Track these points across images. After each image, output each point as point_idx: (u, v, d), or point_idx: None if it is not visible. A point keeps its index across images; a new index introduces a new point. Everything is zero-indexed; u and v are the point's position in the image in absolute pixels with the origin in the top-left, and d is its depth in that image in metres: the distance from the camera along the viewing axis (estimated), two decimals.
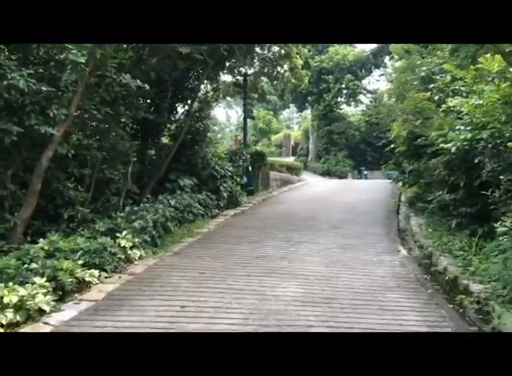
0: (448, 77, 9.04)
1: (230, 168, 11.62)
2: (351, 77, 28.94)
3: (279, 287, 5.46)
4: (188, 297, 5.08)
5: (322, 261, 6.79)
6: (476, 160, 5.74)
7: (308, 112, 36.71)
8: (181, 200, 9.43)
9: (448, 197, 7.15)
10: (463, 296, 4.91)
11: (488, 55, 7.39)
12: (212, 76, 11.22)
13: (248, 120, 26.22)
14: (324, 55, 29.92)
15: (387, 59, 28.74)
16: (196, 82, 10.52)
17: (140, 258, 6.79)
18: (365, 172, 29.08)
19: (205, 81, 11.78)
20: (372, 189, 17.15)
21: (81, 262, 5.64)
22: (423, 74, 9.92)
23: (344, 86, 29.68)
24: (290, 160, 31.09)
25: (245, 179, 14.15)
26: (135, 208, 7.89)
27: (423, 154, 10.05)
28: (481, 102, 6.31)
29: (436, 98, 8.96)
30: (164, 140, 11.57)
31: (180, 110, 11.10)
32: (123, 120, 7.71)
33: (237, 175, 13.38)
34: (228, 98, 48.80)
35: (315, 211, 11.59)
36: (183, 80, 10.28)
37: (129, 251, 6.64)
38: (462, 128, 6.89)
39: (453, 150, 6.38)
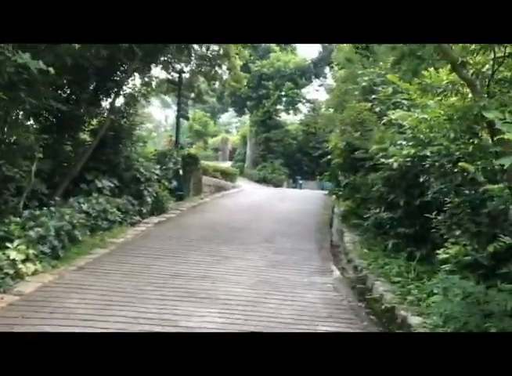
0: (390, 89, 8.73)
1: (157, 171, 10.62)
2: (291, 85, 28.80)
3: (195, 316, 4.64)
4: (82, 327, 4.12)
5: (249, 281, 6.06)
6: (421, 179, 5.30)
7: (246, 117, 36.25)
8: (95, 204, 8.33)
9: (385, 215, 6.72)
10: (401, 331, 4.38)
11: (431, 69, 7.15)
12: (142, 69, 10.18)
13: (183, 121, 25.25)
14: (265, 60, 29.55)
15: (327, 69, 29.00)
16: (123, 74, 9.43)
17: (35, 273, 5.67)
18: (301, 182, 29.02)
19: (134, 74, 10.73)
20: (306, 200, 16.81)
21: None
22: (364, 84, 9.58)
23: (283, 93, 29.51)
24: (227, 165, 30.42)
25: (175, 183, 13.16)
26: (36, 213, 6.72)
27: (359, 168, 9.70)
28: (425, 116, 5.90)
29: (377, 110, 8.62)
30: (85, 136, 10.37)
31: (104, 103, 9.95)
32: (28, 108, 6.50)
33: (166, 178, 12.39)
34: (166, 97, 48.07)
35: (247, 222, 10.89)
36: (107, 70, 9.17)
37: (20, 265, 5.52)
38: (404, 143, 6.49)
39: (395, 165, 5.93)
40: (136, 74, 11.36)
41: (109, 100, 9.74)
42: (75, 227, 6.96)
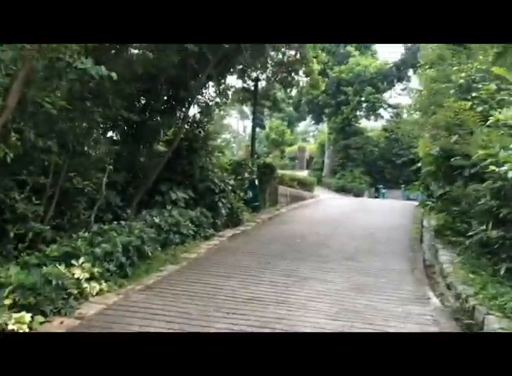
0: (493, 86, 7.50)
1: (231, 182, 10.16)
2: (371, 90, 27.43)
3: None
4: None
5: (331, 309, 5.25)
6: None
7: (324, 125, 35.27)
8: (168, 217, 7.99)
9: (496, 233, 5.58)
10: None
11: None
12: (215, 76, 9.82)
13: (260, 130, 24.95)
14: (344, 65, 28.47)
15: (410, 72, 27.25)
16: (196, 82, 9.11)
17: (100, 293, 5.34)
18: (383, 191, 27.44)
19: (208, 83, 10.42)
20: (391, 211, 15.54)
21: (8, 301, 4.25)
22: (461, 81, 8.38)
23: (363, 99, 28.19)
24: (304, 174, 29.63)
25: (250, 194, 12.69)
26: (105, 227, 6.47)
27: (457, 177, 8.49)
28: None
29: (479, 109, 7.42)
30: (160, 148, 10.22)
31: (178, 113, 9.71)
32: (97, 119, 6.29)
33: (241, 189, 11.94)
34: (244, 107, 48.42)
35: (327, 236, 10.06)
36: (180, 78, 8.90)
37: (85, 284, 5.21)
38: None
39: (510, 174, 4.83)
40: (211, 82, 11.12)
41: (183, 110, 9.45)
42: (145, 242, 6.61)
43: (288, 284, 6.19)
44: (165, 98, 9.11)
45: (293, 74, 13.88)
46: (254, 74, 14.13)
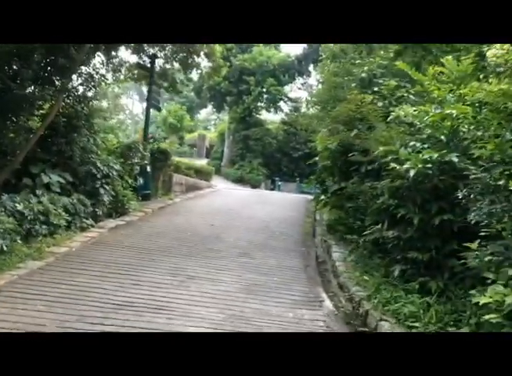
0: (394, 82, 7.45)
1: (117, 166, 9.08)
2: (273, 82, 27.43)
3: None
4: None
5: (217, 316, 4.66)
6: (459, 195, 4.01)
7: (225, 114, 34.77)
8: (35, 204, 6.77)
9: (391, 233, 5.41)
10: None
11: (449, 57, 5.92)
12: (101, 46, 8.64)
13: (157, 113, 23.58)
14: (247, 54, 28.11)
15: (311, 67, 27.78)
16: (77, 48, 7.86)
17: None
18: (279, 183, 27.78)
19: (94, 54, 9.17)
20: (286, 204, 15.49)
21: None
22: (363, 74, 8.27)
23: (265, 90, 28.11)
24: (203, 162, 28.91)
25: (141, 181, 11.66)
26: None
27: (353, 173, 8.42)
28: (452, 111, 4.65)
29: (380, 105, 7.32)
30: (33, 123, 8.77)
31: (57, 84, 8.34)
32: None
33: (129, 175, 10.87)
34: (144, 89, 45.98)
35: (222, 229, 9.48)
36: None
37: None
38: (418, 144, 5.21)
39: (411, 173, 4.62)
40: (99, 53, 9.86)
41: (62, 80, 8.14)
42: None
43: (172, 286, 5.49)
44: (40, 64, 7.72)
45: (193, 55, 13.04)
46: (151, 51, 13.03)
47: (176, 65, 14.12)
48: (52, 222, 6.90)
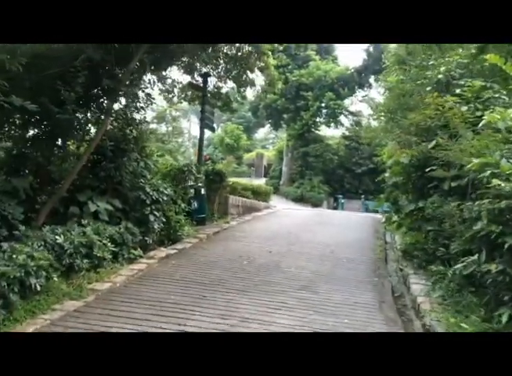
0: (478, 82, 6.27)
1: (167, 191, 8.48)
2: (332, 96, 26.39)
3: None
4: None
5: None
6: None
7: (283, 132, 34.08)
8: (76, 235, 6.25)
9: (495, 267, 4.24)
10: None
11: None
12: (148, 65, 8.17)
13: (213, 133, 23.27)
14: (304, 70, 27.33)
15: (372, 79, 26.49)
16: (123, 69, 7.41)
17: None
18: (342, 201, 26.45)
19: (142, 74, 8.73)
20: (352, 225, 14.31)
21: None
22: (440, 76, 7.12)
23: (323, 105, 27.11)
24: (261, 182, 28.28)
25: (195, 205, 11.07)
26: None
27: (431, 190, 7.26)
28: None
29: (464, 109, 6.15)
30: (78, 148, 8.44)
31: (101, 106, 7.94)
32: None
33: (183, 199, 10.30)
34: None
35: (280, 256, 8.58)
36: (103, 62, 7.21)
37: None
38: None
39: None
40: (151, 76, 9.47)
41: (106, 102, 7.72)
42: (30, 273, 4.86)
43: (218, 334, 4.62)
44: (84, 87, 7.33)
45: (247, 72, 12.43)
46: (203, 70, 12.58)
47: (230, 83, 13.64)
48: (96, 255, 6.34)
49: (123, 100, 8.23)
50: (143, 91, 8.36)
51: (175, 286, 6.16)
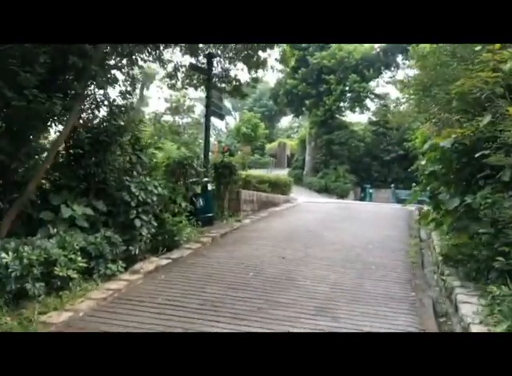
0: None
1: (158, 189, 7.14)
2: (356, 78, 24.50)
3: None
4: None
5: None
6: None
7: (305, 119, 32.37)
8: (36, 250, 5.01)
9: None
10: None
11: None
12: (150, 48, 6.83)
13: (225, 122, 21.77)
14: (325, 51, 25.50)
15: (399, 58, 24.48)
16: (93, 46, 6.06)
17: None
18: (371, 191, 24.69)
19: (126, 51, 7.39)
20: (381, 219, 12.72)
21: None
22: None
23: (347, 89, 25.25)
24: (284, 172, 26.83)
25: (201, 203, 9.76)
26: None
27: (482, 181, 5.71)
28: None
29: None
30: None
31: (70, 92, 6.62)
32: None
33: (185, 196, 9.00)
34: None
35: (295, 264, 7.18)
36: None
37: None
38: None
39: None
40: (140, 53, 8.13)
41: (78, 87, 6.39)
42: None
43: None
44: (46, 67, 6.01)
45: (258, 51, 10.98)
46: (209, 51, 11.19)
47: (240, 65, 12.21)
48: (58, 275, 5.09)
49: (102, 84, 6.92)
50: (127, 72, 7.02)
51: (153, 314, 4.83)
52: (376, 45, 25.08)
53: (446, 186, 6.62)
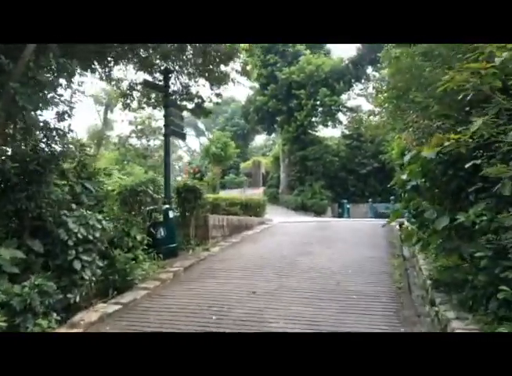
0: None
1: (102, 223, 6.13)
2: (326, 92, 24.02)
3: None
4: None
5: None
6: None
7: (278, 136, 31.76)
8: None
9: None
10: None
11: None
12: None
13: (204, 143, 20.90)
14: (294, 66, 25.01)
15: (369, 69, 24.20)
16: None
17: None
18: (348, 206, 24.01)
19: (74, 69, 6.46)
20: (360, 238, 11.92)
21: None
22: None
23: (318, 103, 24.75)
24: (259, 191, 26.01)
25: (161, 233, 8.78)
26: None
27: (469, 195, 4.95)
28: None
29: None
30: None
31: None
32: None
33: (138, 227, 7.98)
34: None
35: (266, 300, 6.26)
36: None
37: None
38: None
39: None
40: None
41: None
42: None
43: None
44: None
45: (211, 57, 10.22)
46: (164, 64, 10.38)
47: (202, 81, 11.42)
48: None
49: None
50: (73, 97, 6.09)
51: None
52: (345, 58, 24.76)
53: (431, 201, 5.84)
